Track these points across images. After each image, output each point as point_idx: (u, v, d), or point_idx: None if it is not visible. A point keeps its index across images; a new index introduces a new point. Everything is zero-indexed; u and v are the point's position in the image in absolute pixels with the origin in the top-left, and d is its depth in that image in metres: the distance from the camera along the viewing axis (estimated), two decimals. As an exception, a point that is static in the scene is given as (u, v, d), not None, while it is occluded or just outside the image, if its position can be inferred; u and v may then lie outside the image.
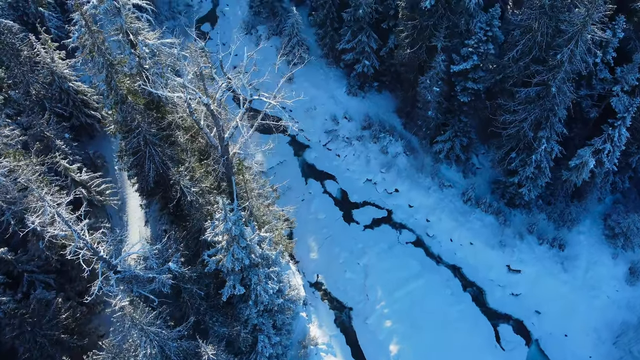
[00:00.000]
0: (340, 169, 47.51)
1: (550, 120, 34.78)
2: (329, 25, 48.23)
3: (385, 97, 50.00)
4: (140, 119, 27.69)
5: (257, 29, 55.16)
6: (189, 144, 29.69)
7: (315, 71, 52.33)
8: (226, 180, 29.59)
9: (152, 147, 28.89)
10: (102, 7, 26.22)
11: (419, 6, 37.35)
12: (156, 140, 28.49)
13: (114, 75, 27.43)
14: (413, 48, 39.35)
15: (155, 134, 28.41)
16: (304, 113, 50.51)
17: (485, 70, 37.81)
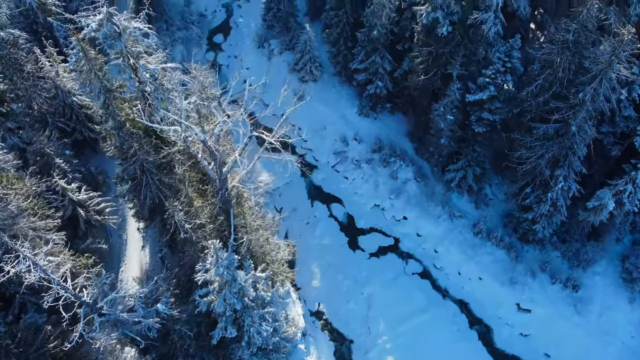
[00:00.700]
0: (347, 193, 46.09)
1: (569, 159, 33.01)
2: (342, 44, 46.88)
3: (398, 119, 48.47)
4: (137, 147, 26.62)
5: (269, 42, 54.01)
6: (188, 172, 28.52)
7: (327, 89, 51.04)
8: (224, 213, 28.37)
9: (149, 175, 27.84)
10: (101, 32, 25.20)
11: (435, 32, 35.83)
12: (153, 169, 27.42)
13: (112, 101, 26.37)
14: (427, 75, 37.82)
15: (153, 161, 27.33)
16: (314, 132, 49.13)
17: (502, 101, 36.14)
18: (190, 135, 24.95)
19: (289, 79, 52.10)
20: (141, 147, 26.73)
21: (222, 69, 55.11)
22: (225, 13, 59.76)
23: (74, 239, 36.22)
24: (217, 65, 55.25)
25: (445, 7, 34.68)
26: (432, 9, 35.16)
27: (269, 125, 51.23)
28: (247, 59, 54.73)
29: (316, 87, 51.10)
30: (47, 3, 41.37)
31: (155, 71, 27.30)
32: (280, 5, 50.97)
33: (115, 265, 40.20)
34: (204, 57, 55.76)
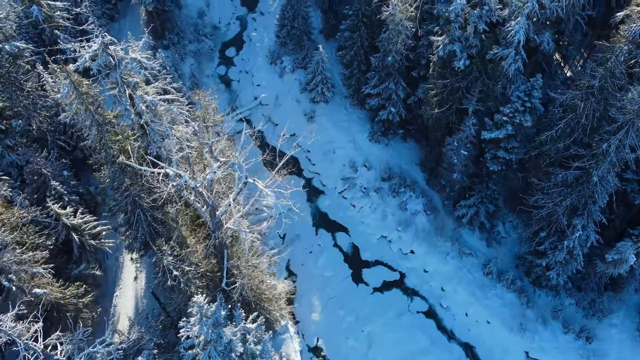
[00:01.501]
0: (354, 221, 44.38)
1: (588, 208, 30.95)
2: (355, 67, 45.17)
3: (410, 146, 46.60)
4: (129, 183, 25.29)
5: (282, 59, 52.48)
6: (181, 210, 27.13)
7: (338, 111, 49.37)
8: (218, 253, 26.94)
9: (142, 210, 26.49)
10: (95, 63, 23.93)
11: (452, 65, 33.98)
12: (146, 206, 26.07)
13: (105, 134, 25.09)
14: (442, 108, 35.98)
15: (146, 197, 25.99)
16: (322, 156, 47.61)
17: (519, 141, 34.17)
18: (179, 184, 23.54)
19: (299, 99, 50.71)
20: (134, 182, 25.40)
21: (233, 84, 53.77)
22: (239, 26, 58.30)
23: (67, 264, 35.25)
24: (228, 80, 53.99)
25: (463, 39, 32.83)
26: (449, 41, 33.32)
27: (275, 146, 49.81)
28: (258, 75, 53.26)
29: (327, 108, 49.48)
30: (53, 16, 40.36)
31: (152, 103, 25.94)
32: (294, 22, 49.42)
33: (110, 289, 39.12)
34: (215, 70, 54.46)
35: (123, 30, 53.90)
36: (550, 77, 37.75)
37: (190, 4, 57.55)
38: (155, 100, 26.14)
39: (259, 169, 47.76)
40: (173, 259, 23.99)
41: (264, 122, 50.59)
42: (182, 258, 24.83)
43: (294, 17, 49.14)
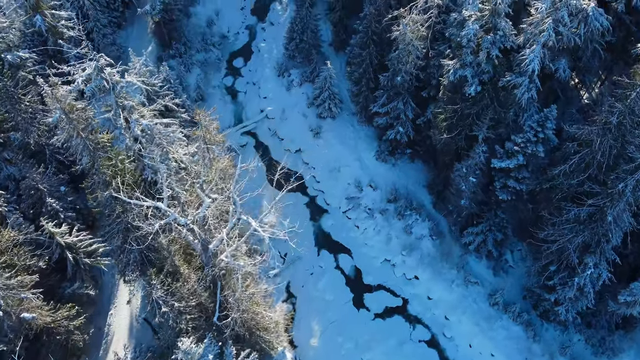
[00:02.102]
0: (357, 243, 43.18)
1: (601, 247, 29.49)
2: (364, 85, 43.96)
3: (417, 167, 45.29)
4: (121, 210, 24.38)
5: (289, 72, 51.39)
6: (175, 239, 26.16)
7: (345, 127, 48.18)
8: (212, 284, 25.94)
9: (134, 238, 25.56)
10: (89, 87, 23.03)
11: (462, 90, 32.69)
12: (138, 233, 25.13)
13: (97, 160, 24.20)
14: (451, 133, 34.69)
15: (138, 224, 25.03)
16: (327, 173, 46.46)
17: (531, 171, 32.80)
18: (168, 222, 22.53)
19: (306, 113, 49.61)
20: (126, 209, 24.48)
21: (239, 96, 52.78)
22: (248, 35, 57.26)
23: (61, 282, 34.52)
24: (235, 92, 53.02)
25: (475, 65, 31.53)
26: (460, 65, 32.05)
27: (280, 161, 48.77)
28: (265, 88, 52.21)
29: (334, 124, 48.31)
30: (57, 26, 39.66)
31: (148, 127, 24.99)
32: (303, 36, 48.32)
33: (105, 308, 38.33)
34: (221, 81, 53.50)
35: (130, 38, 53.29)
36: (565, 103, 36.28)
37: (200, 12, 56.71)
38: (152, 125, 25.16)
39: (262, 183, 46.88)
40: (163, 293, 23.01)
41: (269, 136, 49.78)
42: (173, 291, 23.85)
43: (303, 30, 48.06)
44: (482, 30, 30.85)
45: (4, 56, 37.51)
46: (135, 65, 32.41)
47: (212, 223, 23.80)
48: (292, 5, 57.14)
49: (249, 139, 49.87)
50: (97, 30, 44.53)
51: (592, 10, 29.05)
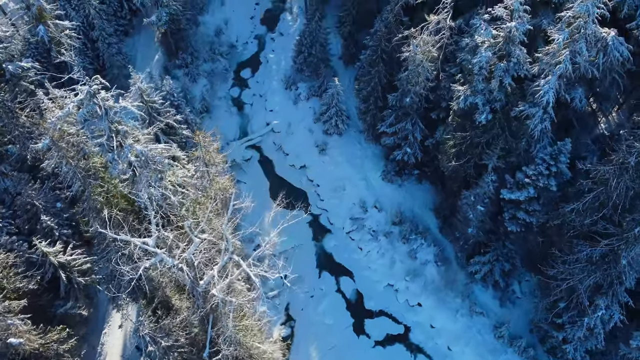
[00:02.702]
0: (359, 266, 41.97)
1: (614, 289, 28.03)
2: (372, 103, 42.77)
3: (425, 189, 43.96)
4: (111, 239, 23.45)
5: (297, 86, 50.35)
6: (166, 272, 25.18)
7: (351, 144, 47.00)
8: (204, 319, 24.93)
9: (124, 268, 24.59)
10: (80, 113, 22.12)
11: (472, 118, 31.38)
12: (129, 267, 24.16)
13: (88, 186, 23.30)
14: (459, 161, 33.38)
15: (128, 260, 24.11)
16: (332, 192, 45.31)
17: (542, 204, 31.40)
18: (153, 263, 21.53)
19: (312, 128, 48.50)
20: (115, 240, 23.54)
21: (246, 107, 51.80)
22: (256, 45, 56.30)
23: (53, 301, 33.75)
24: (241, 104, 52.04)
25: (486, 92, 30.20)
26: (471, 92, 30.73)
27: (285, 177, 47.88)
28: (272, 100, 51.21)
29: (340, 141, 47.17)
30: (60, 36, 38.94)
31: (143, 153, 24.04)
32: (312, 49, 47.24)
33: (99, 326, 37.55)
34: (228, 92, 52.54)
35: (137, 46, 52.60)
36: (580, 131, 34.79)
37: (208, 21, 55.90)
38: (146, 150, 24.21)
39: (265, 201, 45.90)
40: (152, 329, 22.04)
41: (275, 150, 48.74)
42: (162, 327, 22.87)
43: (311, 44, 47.00)
44: (495, 56, 29.53)
45: (5, 66, 36.91)
46: (136, 82, 31.51)
47: (202, 260, 22.77)
48: (302, 16, 56.24)
49: (254, 152, 48.85)
50: (102, 39, 43.78)
51: (612, 39, 27.57)
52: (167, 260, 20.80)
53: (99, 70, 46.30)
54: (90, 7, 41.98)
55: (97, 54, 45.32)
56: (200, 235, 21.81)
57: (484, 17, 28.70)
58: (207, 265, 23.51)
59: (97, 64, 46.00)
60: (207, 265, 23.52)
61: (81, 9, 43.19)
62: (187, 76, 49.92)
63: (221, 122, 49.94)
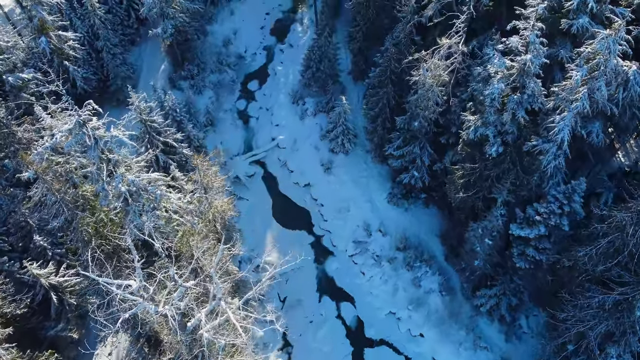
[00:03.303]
0: (361, 291, 40.70)
1: (627, 338, 26.47)
2: (379, 125, 41.46)
3: (431, 213, 42.55)
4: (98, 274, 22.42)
5: (304, 100, 49.18)
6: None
7: (357, 164, 45.71)
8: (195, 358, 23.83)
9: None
10: (67, 144, 21.14)
11: (483, 149, 29.95)
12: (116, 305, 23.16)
13: (75, 217, 22.33)
14: (468, 192, 31.98)
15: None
16: (336, 213, 44.07)
17: (552, 242, 29.92)
18: (134, 313, 20.45)
19: (318, 146, 47.29)
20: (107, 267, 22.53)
21: (251, 121, 50.74)
22: (265, 57, 55.18)
23: (44, 323, 32.96)
24: (247, 117, 50.97)
25: (498, 124, 28.77)
26: (482, 123, 29.32)
27: (288, 195, 46.66)
28: (278, 114, 50.10)
29: (346, 159, 45.91)
30: (63, 48, 38.16)
31: (134, 183, 23.03)
32: (320, 65, 46.02)
33: (92, 345, 36.53)
34: (234, 104, 51.52)
35: (143, 56, 51.76)
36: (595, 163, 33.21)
37: (217, 31, 54.93)
38: (138, 180, 23.20)
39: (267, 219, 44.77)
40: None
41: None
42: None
43: (320, 59, 45.80)
44: (508, 87, 28.07)
45: (5, 77, 36.27)
46: (134, 101, 30.56)
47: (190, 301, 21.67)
48: (312, 27, 55.06)
49: (258, 168, 47.75)
50: (107, 49, 42.95)
51: (633, 74, 26.00)
52: (149, 309, 19.72)
53: (103, 80, 45.55)
54: (95, 17, 41.15)
55: (102, 63, 44.49)
56: (185, 283, 20.68)
57: (498, 47, 27.28)
58: (197, 302, 22.42)
59: (101, 74, 45.21)
60: (197, 302, 22.42)
61: (86, 18, 42.40)
62: (192, 88, 48.99)
63: (226, 135, 49.02)
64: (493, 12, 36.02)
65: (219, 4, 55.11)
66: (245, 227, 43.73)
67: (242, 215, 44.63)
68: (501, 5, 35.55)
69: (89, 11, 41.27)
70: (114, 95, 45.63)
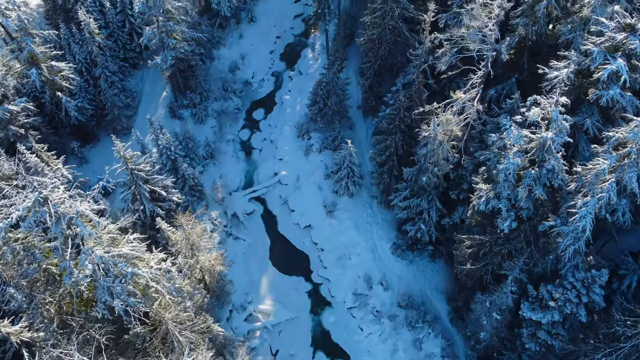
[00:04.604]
0: (359, 348, 38.07)
1: None
2: (386, 172, 38.85)
3: (438, 268, 39.75)
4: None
5: (310, 135, 46.77)
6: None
7: (362, 208, 43.10)
8: None
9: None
10: (24, 225, 19.00)
11: (494, 222, 27.17)
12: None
13: (34, 298, 20.23)
14: (476, 264, 29.25)
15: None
16: (336, 260, 41.53)
17: (567, 329, 27.04)
18: None
19: (322, 185, 44.78)
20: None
21: (254, 153, 48.45)
22: (273, 83, 52.92)
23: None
24: (250, 148, 48.70)
25: (512, 198, 25.99)
26: (494, 195, 26.54)
27: (287, 236, 44.16)
28: (282, 148, 47.72)
29: (350, 202, 43.33)
30: (55, 79, 36.25)
31: (102, 260, 20.82)
32: (327, 101, 43.54)
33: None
34: (237, 134, 49.32)
35: (144, 80, 49.73)
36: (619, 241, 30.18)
37: (224, 55, 52.81)
38: (107, 257, 21.00)
39: (264, 262, 42.41)
40: None
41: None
42: None
43: (327, 95, 43.34)
44: (526, 158, 25.27)
45: (-9, 110, 34.51)
46: (119, 151, 28.44)
47: None
48: (323, 55, 52.65)
49: (257, 205, 45.40)
50: (104, 77, 40.97)
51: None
52: None
53: (100, 108, 43.64)
54: (93, 45, 39.19)
55: (100, 90, 42.54)
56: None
57: (516, 119, 24.49)
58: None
59: (98, 101, 43.27)
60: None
61: (85, 44, 40.47)
62: (194, 117, 46.93)
63: (226, 168, 46.81)
64: (514, 61, 33.37)
65: (227, 27, 52.92)
66: (240, 270, 41.52)
67: (238, 256, 42.45)
68: (522, 56, 32.88)
69: (87, 38, 39.30)
70: (111, 124, 43.71)
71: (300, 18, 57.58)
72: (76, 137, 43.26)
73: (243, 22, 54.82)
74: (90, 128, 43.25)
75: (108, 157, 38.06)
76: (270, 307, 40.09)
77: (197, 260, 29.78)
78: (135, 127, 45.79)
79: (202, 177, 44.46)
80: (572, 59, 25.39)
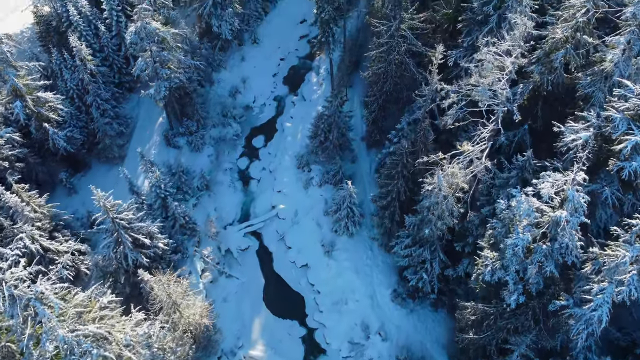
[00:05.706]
0: (353, 403, 36.03)
1: None
2: (387, 217, 36.69)
3: (440, 319, 37.43)
4: None
5: (310, 167, 44.65)
6: None
7: (362, 250, 40.89)
8: None
9: None
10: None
11: (500, 294, 24.92)
12: None
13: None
14: (479, 334, 26.97)
15: None
16: (332, 305, 39.39)
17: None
18: None
19: (321, 222, 42.65)
20: None
21: (252, 184, 46.42)
22: (275, 109, 50.87)
23: None
24: (247, 178, 46.68)
25: (521, 271, 23.72)
26: (500, 266, 24.29)
27: (283, 276, 42.08)
28: (281, 180, 45.62)
29: (349, 243, 41.13)
30: (40, 111, 34.52)
31: (65, 340, 18.92)
32: (329, 134, 41.43)
33: None
34: (235, 163, 47.31)
35: (140, 104, 47.85)
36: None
37: (225, 79, 50.83)
38: (71, 338, 19.10)
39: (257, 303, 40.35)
40: None
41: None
42: None
43: (329, 129, 41.22)
44: (538, 230, 23.00)
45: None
46: (100, 201, 26.59)
47: None
48: (328, 80, 50.54)
49: (253, 240, 43.34)
50: (96, 105, 39.23)
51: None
52: None
53: (91, 135, 41.89)
54: (84, 72, 37.43)
55: (92, 117, 40.79)
56: None
57: (527, 191, 22.22)
58: None
59: (90, 129, 41.51)
60: None
61: (76, 71, 38.73)
62: (190, 145, 45.05)
63: (222, 200, 44.81)
64: (527, 107, 31.04)
65: (229, 50, 50.97)
66: (232, 311, 39.53)
67: (231, 295, 40.49)
68: (537, 104, 30.59)
69: (78, 65, 37.55)
70: (102, 153, 41.95)
71: (306, 39, 55.45)
72: (66, 164, 41.59)
73: (246, 43, 52.85)
74: (80, 156, 41.56)
75: (100, 185, 36.05)
76: (261, 352, 38.06)
77: (181, 316, 27.81)
78: (129, 155, 44.06)
79: (195, 210, 42.61)
80: (591, 121, 23.09)
